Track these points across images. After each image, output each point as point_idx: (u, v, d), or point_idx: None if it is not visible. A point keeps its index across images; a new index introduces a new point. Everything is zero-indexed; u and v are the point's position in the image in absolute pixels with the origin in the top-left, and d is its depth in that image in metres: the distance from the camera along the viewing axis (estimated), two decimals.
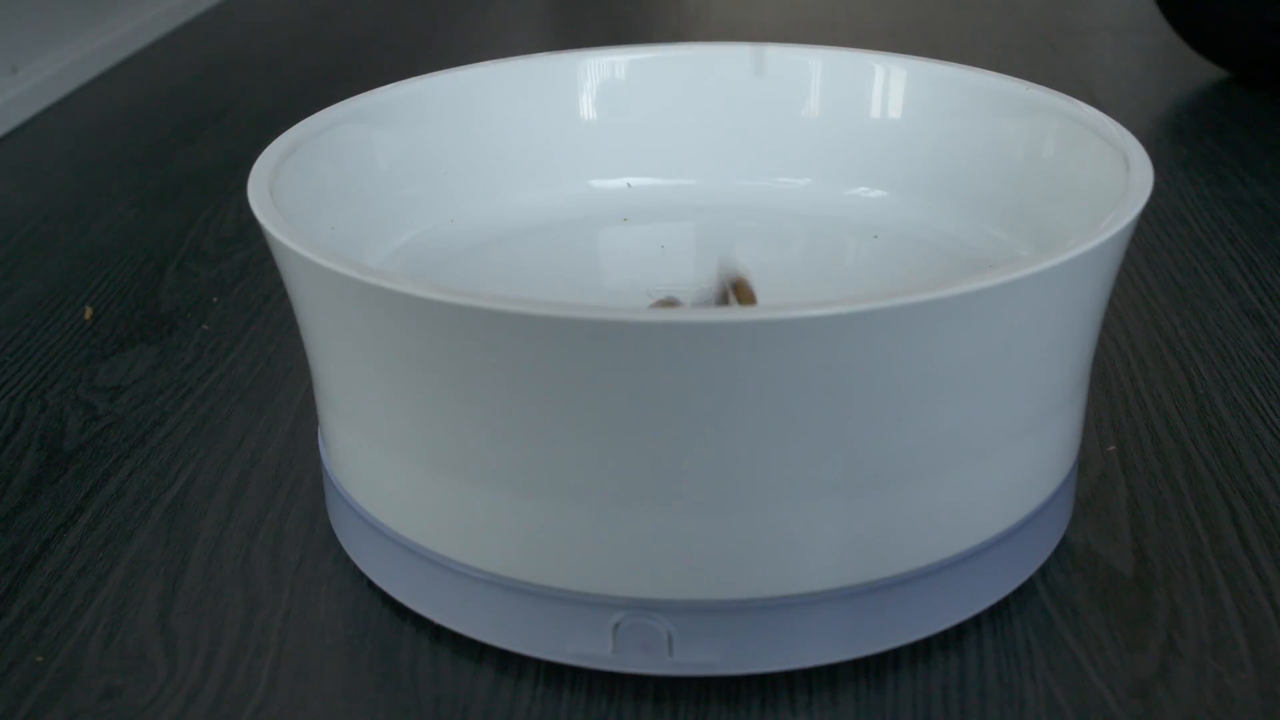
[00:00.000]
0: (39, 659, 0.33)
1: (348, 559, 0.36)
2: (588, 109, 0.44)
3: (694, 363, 0.27)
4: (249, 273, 0.55)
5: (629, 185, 0.45)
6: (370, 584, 0.35)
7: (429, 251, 0.42)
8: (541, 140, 0.43)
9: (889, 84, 0.44)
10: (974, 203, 0.41)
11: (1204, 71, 0.79)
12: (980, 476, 0.31)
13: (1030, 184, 0.39)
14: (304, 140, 0.37)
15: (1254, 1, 0.71)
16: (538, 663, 0.32)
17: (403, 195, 0.41)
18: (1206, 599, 0.34)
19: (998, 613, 0.34)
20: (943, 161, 0.42)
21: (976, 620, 0.33)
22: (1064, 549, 0.36)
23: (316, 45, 0.91)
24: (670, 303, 0.37)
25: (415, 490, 0.32)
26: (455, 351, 0.28)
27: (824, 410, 0.28)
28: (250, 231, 0.59)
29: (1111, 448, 0.41)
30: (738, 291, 0.37)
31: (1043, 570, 0.35)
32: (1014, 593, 0.34)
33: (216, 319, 0.51)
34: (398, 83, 0.42)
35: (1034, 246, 0.39)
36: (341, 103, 0.40)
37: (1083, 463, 0.40)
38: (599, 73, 0.45)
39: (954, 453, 0.30)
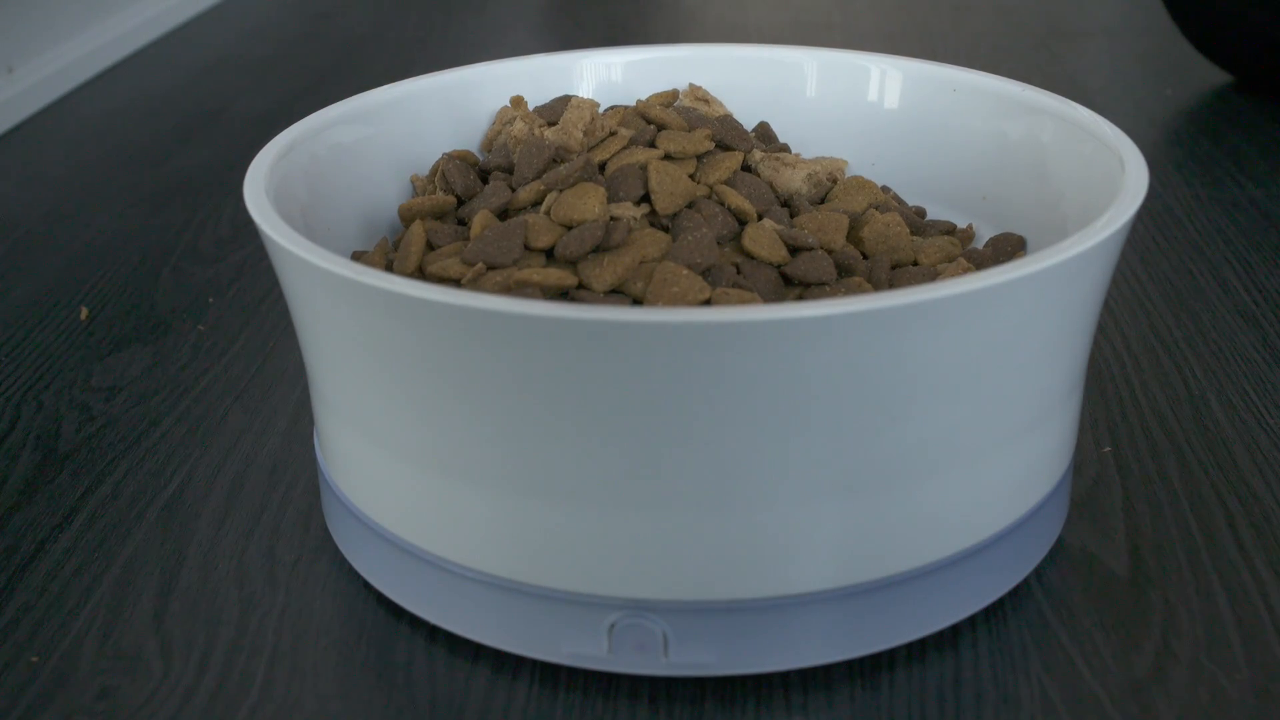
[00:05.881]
0: (34, 659, 0.33)
1: (343, 559, 0.36)
2: None
3: (689, 362, 0.27)
4: (245, 273, 0.55)
5: None
6: (366, 584, 0.35)
7: None
8: None
9: (884, 85, 0.44)
10: (968, 203, 0.41)
11: (1200, 75, 0.79)
12: (976, 477, 0.31)
13: (1025, 185, 0.39)
14: (300, 141, 0.37)
15: (1266, 9, 0.70)
16: (533, 663, 0.32)
17: (399, 196, 0.41)
18: (1201, 600, 0.34)
19: (993, 613, 0.34)
20: (938, 162, 0.42)
21: (972, 621, 0.33)
22: (1059, 550, 0.36)
23: (313, 46, 0.91)
24: None
25: (411, 491, 0.32)
26: (451, 352, 0.28)
27: (818, 411, 0.28)
28: (246, 232, 0.59)
29: (1107, 449, 0.41)
30: None
31: (1038, 571, 0.35)
32: (1009, 593, 0.34)
33: (212, 320, 0.51)
34: (395, 83, 0.42)
35: (1029, 248, 0.39)
36: (338, 103, 0.40)
37: (1078, 464, 0.40)
38: (595, 73, 0.45)
39: (949, 454, 0.30)
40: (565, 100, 0.42)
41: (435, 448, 0.30)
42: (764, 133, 0.43)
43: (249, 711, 0.31)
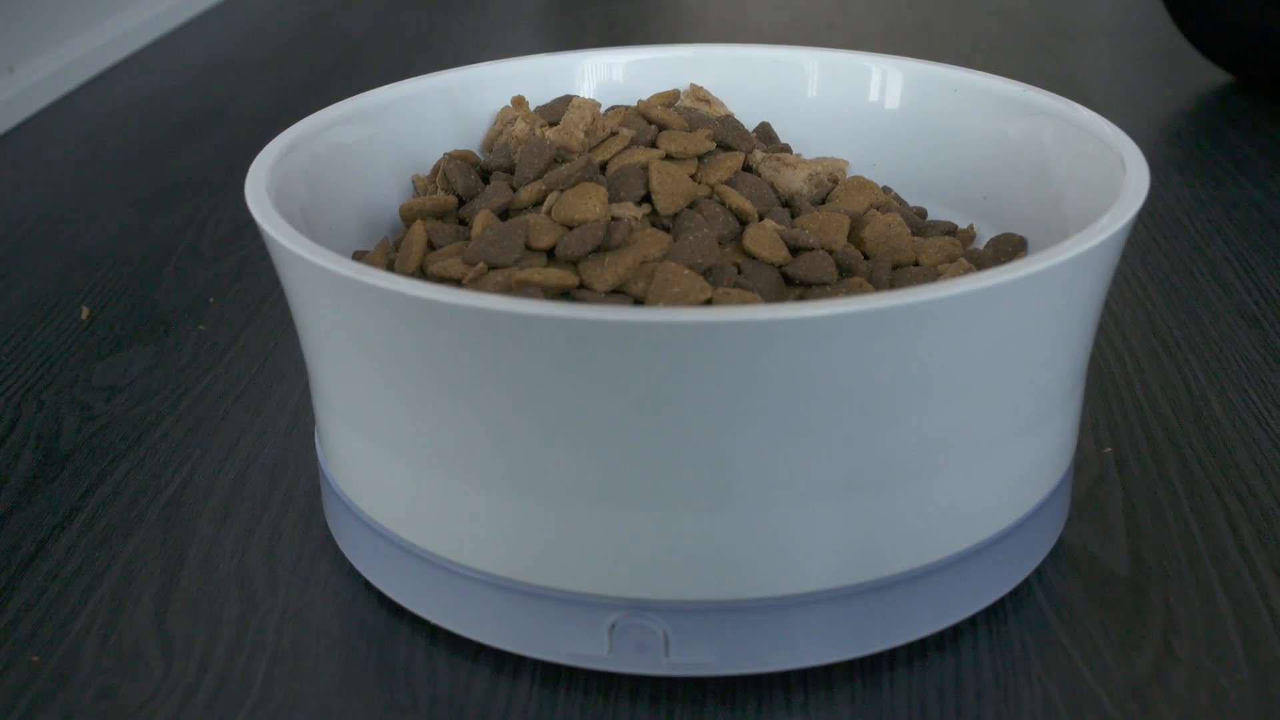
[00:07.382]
0: (35, 659, 0.33)
1: (344, 559, 0.36)
2: None
3: (690, 363, 0.27)
4: (246, 273, 0.55)
5: None
6: (366, 584, 0.35)
7: None
8: None
9: (885, 85, 0.44)
10: (969, 204, 0.41)
11: (1200, 75, 0.79)
12: (976, 477, 0.31)
13: (1026, 186, 0.39)
14: (301, 141, 0.37)
15: (1267, 9, 0.70)
16: (534, 663, 0.32)
17: (400, 196, 0.41)
18: (1202, 601, 0.34)
19: (994, 613, 0.34)
20: (939, 163, 0.42)
21: (972, 621, 0.33)
22: (1060, 550, 0.36)
23: (314, 46, 0.91)
24: None
25: (411, 490, 0.32)
26: (452, 352, 0.28)
27: (819, 411, 0.28)
28: (247, 232, 0.59)
29: (1108, 449, 0.41)
30: None
31: (1039, 571, 0.35)
32: (1010, 594, 0.34)
33: (213, 320, 0.51)
34: (395, 83, 0.42)
35: (1030, 248, 0.39)
36: (339, 103, 0.40)
37: (1079, 464, 0.40)
38: (597, 73, 0.45)
39: (950, 453, 0.30)
40: (566, 100, 0.42)
41: (436, 447, 0.30)
42: (765, 133, 0.43)
43: (249, 711, 0.31)
